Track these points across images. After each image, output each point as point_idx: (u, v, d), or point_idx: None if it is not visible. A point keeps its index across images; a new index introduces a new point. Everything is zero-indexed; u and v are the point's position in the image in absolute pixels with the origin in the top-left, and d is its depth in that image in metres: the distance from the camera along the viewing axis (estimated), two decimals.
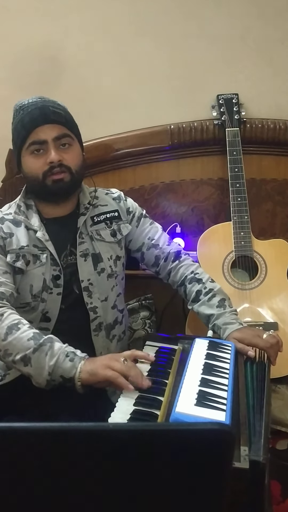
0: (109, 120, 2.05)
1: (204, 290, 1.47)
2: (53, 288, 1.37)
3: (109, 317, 1.44)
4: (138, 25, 2.03)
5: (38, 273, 1.36)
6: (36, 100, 1.37)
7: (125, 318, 1.55)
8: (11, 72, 2.06)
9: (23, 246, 1.36)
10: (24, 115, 1.35)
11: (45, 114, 1.34)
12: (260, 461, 0.84)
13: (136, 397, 1.07)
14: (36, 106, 1.35)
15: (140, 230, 1.53)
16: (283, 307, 1.75)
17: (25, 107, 1.36)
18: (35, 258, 1.36)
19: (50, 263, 1.37)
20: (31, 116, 1.34)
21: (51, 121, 1.34)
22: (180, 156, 2.08)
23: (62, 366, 1.14)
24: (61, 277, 1.37)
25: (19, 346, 1.18)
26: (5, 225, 1.38)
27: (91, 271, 1.40)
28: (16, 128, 1.38)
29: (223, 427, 0.64)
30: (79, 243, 1.40)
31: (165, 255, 1.53)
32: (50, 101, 1.38)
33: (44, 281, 1.36)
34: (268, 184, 2.09)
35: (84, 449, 0.61)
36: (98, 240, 1.43)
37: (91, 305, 1.40)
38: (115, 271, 1.45)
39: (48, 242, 1.38)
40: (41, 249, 1.37)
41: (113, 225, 1.47)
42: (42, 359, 1.15)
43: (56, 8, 2.02)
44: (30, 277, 1.36)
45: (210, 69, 2.04)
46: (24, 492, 0.63)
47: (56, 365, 1.14)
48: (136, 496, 0.64)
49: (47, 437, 0.61)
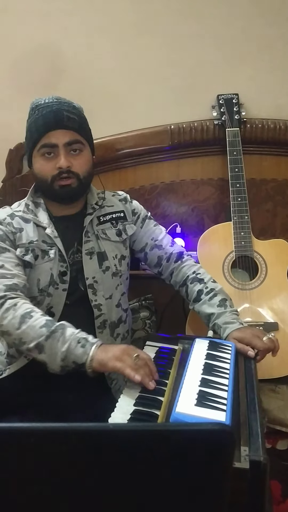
0: (109, 120, 2.05)
1: (205, 290, 1.47)
2: (59, 284, 1.39)
3: (113, 315, 1.45)
4: (139, 25, 2.03)
5: (46, 268, 1.38)
6: (52, 102, 1.38)
7: (129, 317, 1.57)
8: (11, 72, 2.06)
9: (32, 241, 1.38)
10: (38, 116, 1.37)
11: (59, 118, 1.35)
12: (260, 461, 0.84)
13: (137, 397, 1.07)
14: (51, 109, 1.36)
15: (144, 231, 1.55)
16: (283, 307, 1.75)
17: (40, 107, 1.37)
18: (44, 253, 1.39)
19: (58, 259, 1.39)
20: (45, 119, 1.35)
21: (64, 127, 1.36)
22: (180, 156, 2.08)
23: (74, 352, 1.17)
24: (67, 273, 1.39)
25: (32, 334, 1.21)
26: (15, 221, 1.40)
27: (96, 269, 1.42)
28: (30, 128, 1.40)
29: (223, 427, 0.64)
30: (85, 241, 1.43)
31: (168, 256, 1.55)
32: (66, 104, 1.39)
33: (52, 276, 1.38)
34: (268, 184, 2.09)
35: (84, 449, 0.61)
36: (103, 239, 1.45)
37: (96, 303, 1.41)
38: (120, 270, 1.47)
39: (57, 238, 1.40)
40: (49, 245, 1.40)
41: (118, 225, 1.50)
42: (54, 345, 1.18)
43: (56, 9, 2.02)
44: (38, 272, 1.38)
45: (210, 69, 2.04)
46: (24, 492, 0.63)
47: (68, 351, 1.17)
48: (137, 496, 0.64)
49: (47, 437, 0.61)
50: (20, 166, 2.10)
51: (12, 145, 2.07)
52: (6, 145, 2.08)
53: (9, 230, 1.38)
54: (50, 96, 1.40)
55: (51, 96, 1.40)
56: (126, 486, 0.63)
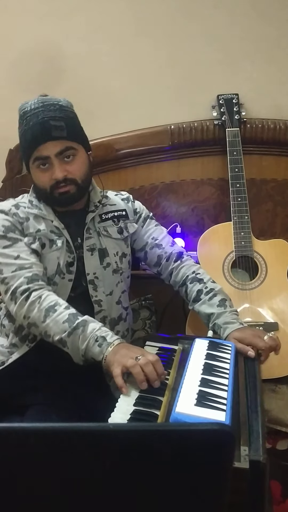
0: (110, 120, 2.05)
1: (205, 290, 1.48)
2: (66, 274, 1.40)
3: (114, 312, 1.47)
4: (139, 25, 2.03)
5: (53, 257, 1.39)
6: (37, 108, 1.35)
7: (129, 316, 1.57)
8: (12, 72, 2.06)
9: (39, 230, 1.40)
10: (26, 128, 1.36)
11: (45, 131, 1.34)
12: (260, 461, 0.84)
13: (136, 397, 1.07)
14: (37, 119, 1.34)
15: (145, 230, 1.57)
16: (283, 307, 1.75)
17: (27, 115, 1.36)
18: (51, 243, 1.40)
19: (65, 249, 1.41)
20: (33, 133, 1.35)
21: (52, 138, 1.35)
22: (181, 156, 2.08)
23: (91, 350, 1.20)
24: (74, 264, 1.41)
25: (56, 329, 1.24)
26: (20, 210, 1.42)
27: (97, 265, 1.43)
28: (20, 140, 1.41)
29: (223, 427, 0.64)
30: (86, 238, 1.44)
31: (167, 255, 1.55)
32: (51, 108, 1.36)
33: (58, 265, 1.39)
34: (268, 184, 2.09)
35: (84, 449, 0.61)
36: (105, 236, 1.47)
37: (96, 298, 1.43)
38: (121, 267, 1.48)
39: (64, 230, 1.42)
40: (57, 235, 1.41)
41: (120, 223, 1.51)
42: (75, 342, 1.22)
43: (57, 9, 2.02)
44: (45, 260, 1.39)
45: (210, 69, 2.04)
46: (24, 492, 0.63)
47: (87, 349, 1.21)
48: (137, 496, 0.64)
49: (47, 437, 0.61)
50: (20, 166, 2.10)
51: (12, 145, 2.07)
52: (6, 145, 2.08)
53: (16, 220, 1.39)
54: (36, 98, 1.38)
55: (37, 99, 1.37)
56: (126, 486, 0.63)
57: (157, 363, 1.12)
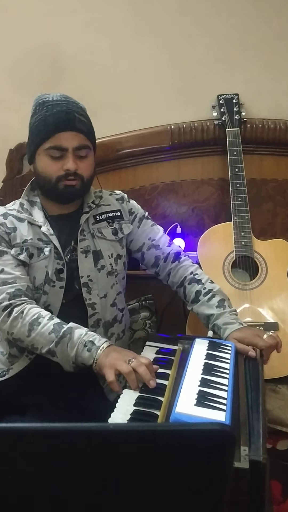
0: (110, 120, 2.05)
1: (203, 291, 1.47)
2: (56, 281, 1.39)
3: (108, 314, 1.45)
4: (139, 25, 2.03)
5: (41, 265, 1.38)
6: (61, 100, 1.37)
7: (125, 317, 1.56)
8: (11, 72, 2.06)
9: (26, 240, 1.38)
10: (48, 114, 1.34)
11: (70, 120, 1.34)
12: (260, 461, 0.84)
13: (136, 398, 1.07)
14: (62, 108, 1.34)
15: (141, 230, 1.54)
16: (284, 307, 1.75)
17: (49, 104, 1.35)
18: (39, 251, 1.39)
19: (53, 257, 1.39)
20: (56, 118, 1.34)
21: (76, 129, 1.35)
22: (181, 156, 2.08)
23: (81, 356, 1.22)
24: (64, 271, 1.39)
25: (43, 341, 1.26)
26: (8, 220, 1.40)
27: (91, 267, 1.42)
28: (37, 125, 1.37)
29: (223, 427, 0.64)
30: (80, 240, 1.42)
31: (165, 256, 1.54)
32: (75, 105, 1.38)
33: (47, 274, 1.38)
34: (269, 184, 2.09)
35: (84, 449, 0.61)
36: (99, 237, 1.45)
37: (90, 301, 1.41)
38: (115, 269, 1.46)
39: (53, 236, 1.40)
40: (45, 242, 1.40)
41: (114, 224, 1.49)
42: (64, 350, 1.23)
43: (57, 8, 2.02)
44: (33, 270, 1.38)
45: (211, 69, 2.04)
46: (24, 492, 0.63)
47: (76, 355, 1.22)
48: (137, 497, 0.64)
49: (47, 437, 0.61)
50: (20, 166, 2.10)
51: (12, 145, 2.07)
52: (6, 145, 2.08)
53: (3, 231, 1.38)
54: (56, 93, 1.39)
55: (58, 94, 1.39)
56: (127, 486, 0.63)
57: (150, 366, 1.13)
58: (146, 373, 1.10)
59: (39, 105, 1.37)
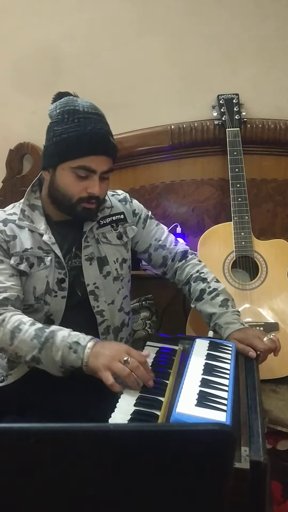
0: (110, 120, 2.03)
1: (208, 289, 1.47)
2: (58, 291, 1.35)
3: (116, 320, 1.43)
4: (139, 25, 2.03)
5: (41, 275, 1.34)
6: (92, 113, 1.31)
7: (131, 320, 1.56)
8: (12, 72, 2.06)
9: (26, 249, 1.34)
10: (81, 131, 1.27)
11: (104, 145, 1.30)
12: (261, 461, 0.84)
13: (137, 398, 1.07)
14: (95, 128, 1.29)
15: (147, 231, 1.53)
16: (284, 308, 1.75)
17: (81, 117, 1.29)
18: (40, 261, 1.35)
19: (55, 266, 1.35)
20: (91, 140, 1.28)
21: (109, 155, 1.32)
22: (181, 156, 2.08)
23: (68, 359, 1.17)
24: (66, 280, 1.36)
25: (26, 348, 1.21)
26: (8, 228, 1.35)
27: (97, 274, 1.39)
28: (66, 138, 1.28)
29: (223, 427, 0.64)
30: (84, 247, 1.39)
31: (173, 255, 1.54)
32: (104, 123, 1.33)
33: (48, 284, 1.34)
34: (269, 184, 2.09)
35: (84, 449, 0.61)
36: (104, 243, 1.42)
37: (98, 309, 1.39)
38: (121, 273, 1.44)
39: (55, 245, 1.36)
40: (46, 252, 1.35)
41: (119, 227, 1.46)
42: (49, 355, 1.18)
43: (57, 8, 2.02)
44: (33, 279, 1.34)
45: (211, 69, 2.04)
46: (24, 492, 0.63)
47: (63, 358, 1.17)
48: (137, 497, 0.64)
49: (47, 437, 0.61)
50: (20, 166, 2.10)
51: (12, 145, 2.07)
52: (6, 145, 2.08)
53: (2, 239, 1.33)
54: (84, 101, 1.33)
55: (87, 102, 1.33)
56: (126, 486, 0.63)
57: (145, 364, 1.11)
58: (144, 374, 1.09)
59: (68, 113, 1.29)
